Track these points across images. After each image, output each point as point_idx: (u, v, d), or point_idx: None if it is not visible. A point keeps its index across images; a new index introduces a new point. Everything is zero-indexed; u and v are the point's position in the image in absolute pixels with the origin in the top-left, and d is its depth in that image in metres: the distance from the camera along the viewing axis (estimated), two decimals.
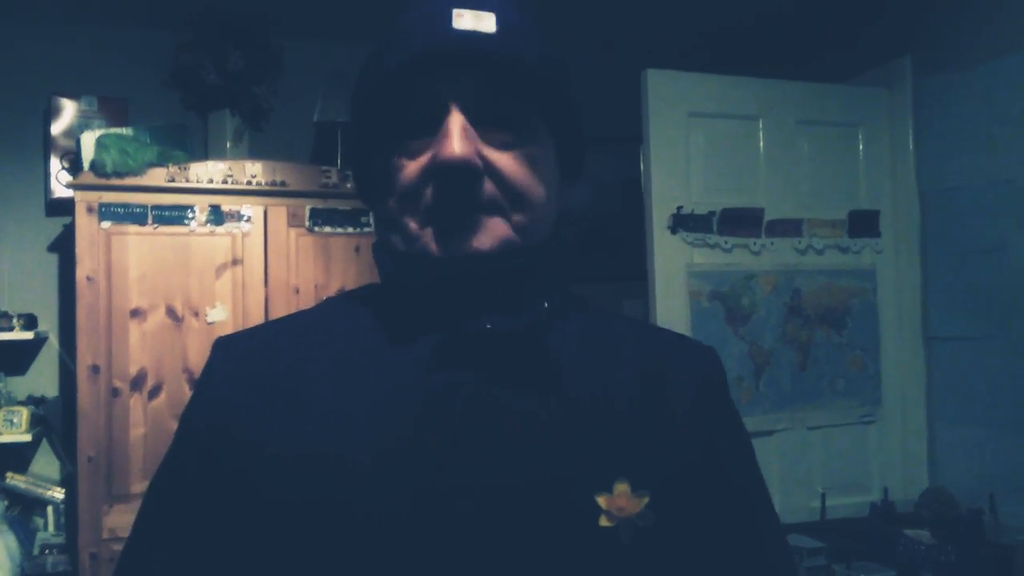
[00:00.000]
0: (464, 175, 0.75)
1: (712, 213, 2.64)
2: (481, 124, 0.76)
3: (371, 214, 0.88)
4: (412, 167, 0.77)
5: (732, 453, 0.84)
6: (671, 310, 2.57)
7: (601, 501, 0.73)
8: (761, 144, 2.74)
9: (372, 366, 0.79)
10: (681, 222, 2.61)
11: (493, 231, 0.77)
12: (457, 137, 0.74)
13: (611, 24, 3.27)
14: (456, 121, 0.75)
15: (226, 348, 0.86)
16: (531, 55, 0.78)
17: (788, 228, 2.74)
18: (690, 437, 0.80)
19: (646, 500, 0.74)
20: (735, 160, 2.71)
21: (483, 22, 0.76)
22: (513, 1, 0.81)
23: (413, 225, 0.78)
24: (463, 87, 0.76)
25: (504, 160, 0.77)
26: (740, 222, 2.67)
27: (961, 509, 2.34)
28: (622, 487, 0.73)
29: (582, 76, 1.09)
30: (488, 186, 0.76)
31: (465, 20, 0.75)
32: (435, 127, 0.76)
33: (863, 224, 2.84)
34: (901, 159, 2.84)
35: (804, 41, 3.28)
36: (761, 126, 2.74)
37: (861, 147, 2.87)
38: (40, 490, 2.98)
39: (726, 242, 2.65)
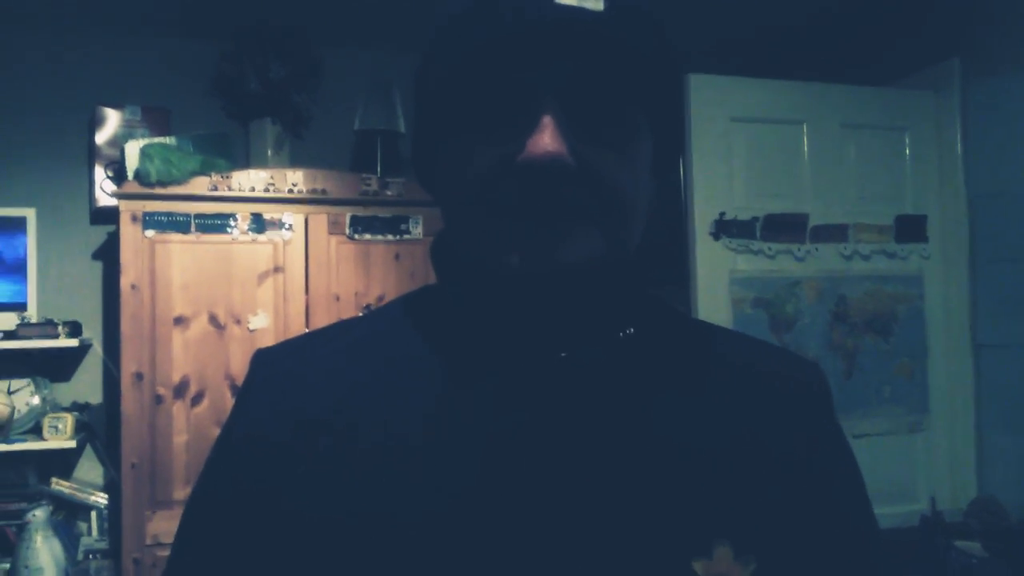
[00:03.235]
0: (556, 176, 0.63)
1: (755, 219, 2.61)
2: (577, 117, 0.65)
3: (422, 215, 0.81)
4: (492, 158, 0.66)
5: (843, 489, 0.74)
6: (713, 317, 2.54)
7: (699, 568, 0.63)
8: (805, 148, 2.71)
9: (427, 400, 0.69)
10: (724, 228, 2.58)
11: (584, 242, 0.66)
12: (551, 132, 0.63)
13: (661, 10, 3.24)
14: (549, 113, 0.64)
15: (267, 366, 0.77)
16: (642, 42, 0.67)
17: (833, 234, 2.70)
18: (799, 476, 0.70)
19: (753, 567, 0.64)
20: (778, 165, 2.68)
21: None
22: None
23: (488, 227, 0.67)
24: (560, 73, 0.64)
25: (601, 160, 0.66)
26: (784, 228, 2.64)
27: (1011, 519, 2.29)
28: (723, 551, 0.63)
29: None
30: (582, 190, 0.65)
31: None
32: (524, 116, 0.64)
33: (910, 229, 2.79)
34: (949, 163, 2.79)
35: (849, 44, 3.24)
36: (805, 130, 2.71)
37: (908, 151, 2.83)
38: (84, 496, 3.01)
39: (770, 248, 2.62)
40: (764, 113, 2.67)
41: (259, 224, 2.85)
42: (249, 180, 2.86)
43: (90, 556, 2.84)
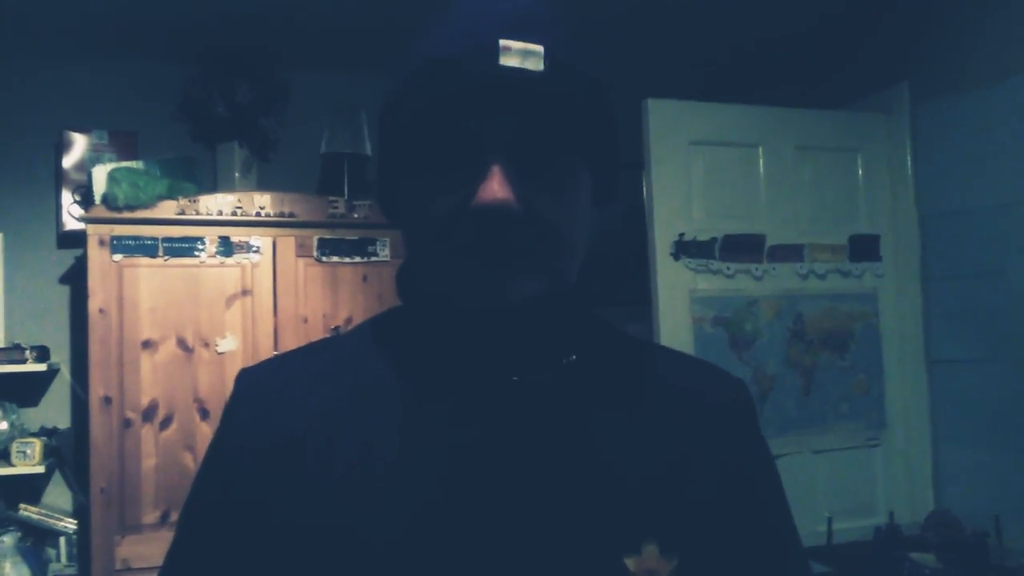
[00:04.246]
0: (505, 221, 0.71)
1: (714, 239, 2.68)
2: (522, 165, 0.73)
3: (376, 243, 0.86)
4: (447, 202, 0.73)
5: (763, 496, 0.84)
6: (675, 336, 2.59)
7: (630, 564, 0.71)
8: (761, 170, 2.78)
9: (394, 418, 0.76)
10: (684, 248, 2.64)
11: (529, 281, 0.74)
12: (499, 180, 0.71)
13: (611, 53, 3.31)
14: (498, 163, 0.71)
15: (251, 384, 0.84)
16: (579, 97, 0.75)
17: (789, 253, 2.77)
18: (722, 483, 0.79)
19: (675, 563, 0.72)
20: (736, 187, 2.74)
21: (531, 60, 0.71)
22: (561, 25, 0.77)
23: (446, 265, 0.75)
24: (506, 127, 0.72)
25: (544, 203, 0.73)
26: (742, 248, 2.71)
27: (966, 532, 2.35)
28: (651, 548, 0.72)
29: None
30: (527, 232, 0.73)
31: (513, 56, 0.71)
32: (475, 165, 0.72)
33: (864, 248, 2.87)
34: (900, 183, 2.87)
35: (802, 69, 3.32)
36: (761, 153, 2.78)
37: (860, 172, 2.90)
38: (53, 521, 3.01)
39: (728, 268, 2.68)
40: (721, 136, 2.73)
41: (227, 247, 2.87)
42: (217, 203, 2.88)
43: None
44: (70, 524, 3.03)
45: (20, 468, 2.84)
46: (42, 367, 2.93)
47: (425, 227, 0.76)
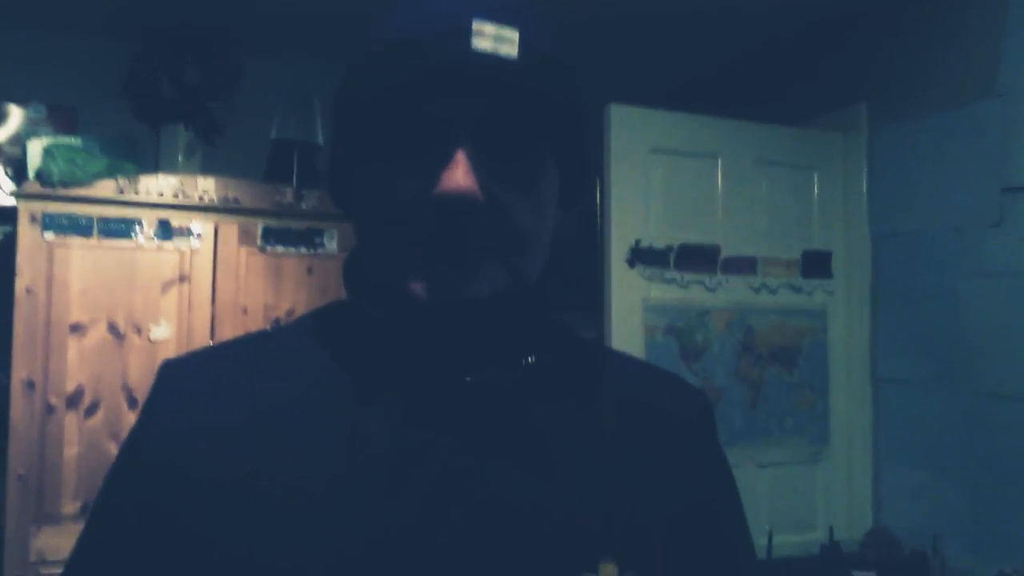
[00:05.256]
0: (467, 212, 0.67)
1: (670, 248, 2.66)
2: (488, 155, 0.69)
3: (330, 234, 0.79)
4: (406, 189, 0.69)
5: (721, 510, 0.81)
6: (626, 343, 2.56)
7: None
8: (719, 182, 2.77)
9: (336, 421, 0.71)
10: (639, 256, 2.61)
11: (489, 277, 0.70)
12: (463, 169, 0.67)
13: (572, 56, 3.28)
14: (463, 150, 0.67)
15: (174, 379, 0.77)
16: (553, 88, 0.71)
17: (743, 266, 2.77)
18: (681, 496, 0.76)
19: None
20: (694, 197, 2.73)
21: (505, 44, 0.68)
22: (536, 12, 0.74)
23: (399, 256, 0.70)
24: (474, 113, 0.68)
25: (508, 196, 0.70)
26: (697, 258, 2.69)
27: (904, 551, 2.36)
28: (609, 568, 0.68)
29: None
30: (489, 225, 0.69)
31: (486, 39, 0.67)
32: (439, 152, 0.68)
33: (816, 265, 2.88)
34: (854, 203, 2.89)
35: (764, 84, 3.34)
36: (720, 164, 2.77)
37: (816, 189, 2.92)
38: None
39: (682, 277, 2.66)
40: (681, 146, 2.72)
41: (166, 231, 2.76)
42: (158, 185, 2.77)
43: None
44: None
45: None
46: None
47: (380, 215, 0.71)
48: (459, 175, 0.66)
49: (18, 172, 2.79)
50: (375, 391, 0.72)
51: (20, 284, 2.60)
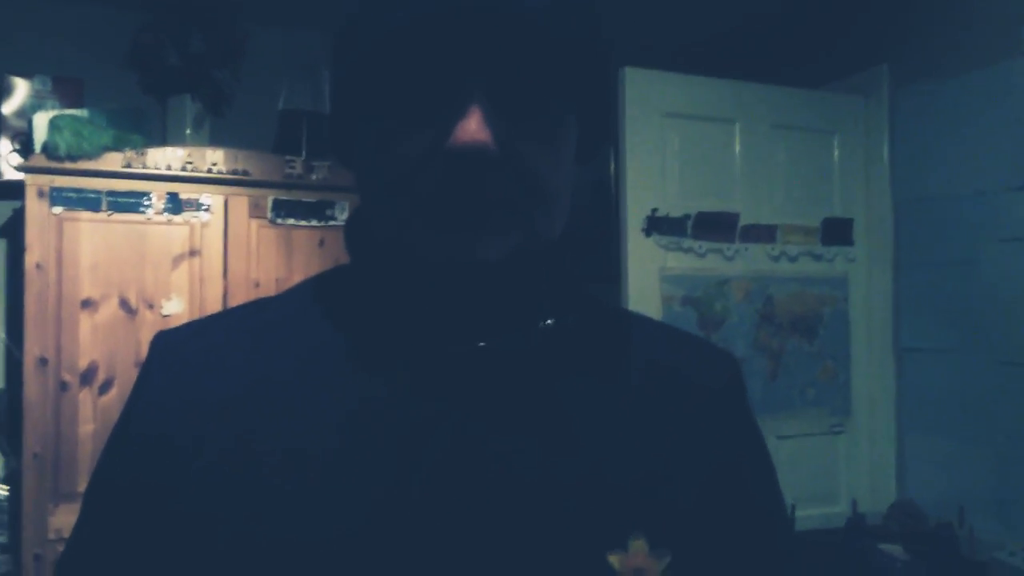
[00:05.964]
0: (482, 166, 0.62)
1: (687, 216, 2.61)
2: (505, 105, 0.63)
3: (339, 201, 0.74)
4: (414, 143, 0.64)
5: (755, 481, 0.75)
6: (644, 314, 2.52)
7: (614, 561, 0.62)
8: (737, 147, 2.71)
9: (341, 391, 0.67)
10: (656, 225, 2.56)
11: (505, 235, 0.65)
12: (478, 120, 0.61)
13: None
14: (478, 100, 0.62)
15: (167, 351, 0.74)
16: (574, 34, 0.65)
17: (762, 234, 2.71)
18: (712, 468, 0.70)
19: (667, 560, 0.64)
20: (711, 163, 2.67)
21: None
22: None
23: (407, 214, 0.65)
24: (488, 58, 0.62)
25: (526, 150, 0.64)
26: (715, 226, 2.64)
27: (930, 523, 2.32)
28: (639, 544, 0.63)
29: None
30: (505, 180, 0.64)
31: None
32: (452, 101, 0.62)
33: (837, 232, 2.82)
34: (876, 168, 2.83)
35: (782, 46, 3.26)
36: (737, 129, 2.71)
37: (836, 154, 2.86)
38: None
39: (700, 246, 2.61)
40: (698, 110, 2.66)
41: (175, 204, 2.73)
42: (166, 158, 2.73)
43: None
44: (2, 490, 2.87)
45: None
46: None
47: (387, 170, 0.65)
48: (473, 126, 0.61)
49: (24, 146, 2.75)
50: (382, 359, 0.68)
51: (30, 260, 2.57)
